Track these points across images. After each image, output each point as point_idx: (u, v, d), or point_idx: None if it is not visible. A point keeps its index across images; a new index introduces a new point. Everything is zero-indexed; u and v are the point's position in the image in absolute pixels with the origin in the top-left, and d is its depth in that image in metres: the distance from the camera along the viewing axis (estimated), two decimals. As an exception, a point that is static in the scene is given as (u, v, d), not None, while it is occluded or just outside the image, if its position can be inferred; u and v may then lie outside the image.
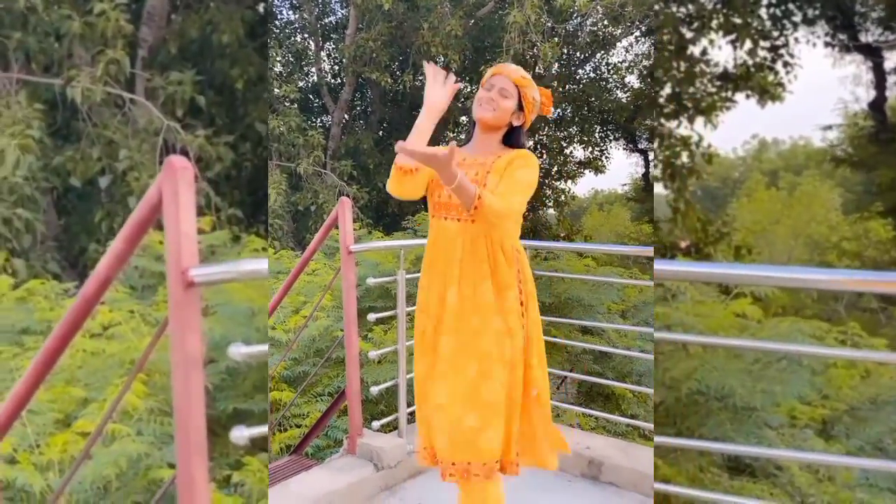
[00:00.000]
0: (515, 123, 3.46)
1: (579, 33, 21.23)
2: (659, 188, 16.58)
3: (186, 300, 2.35)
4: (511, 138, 3.48)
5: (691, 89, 15.28)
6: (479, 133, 3.48)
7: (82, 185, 11.15)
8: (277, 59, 20.06)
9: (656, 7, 14.55)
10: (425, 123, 3.39)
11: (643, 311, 9.95)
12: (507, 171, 3.27)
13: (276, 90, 18.83)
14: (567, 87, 23.36)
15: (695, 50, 14.91)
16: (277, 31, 21.70)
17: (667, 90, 15.06)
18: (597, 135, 25.70)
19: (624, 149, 26.91)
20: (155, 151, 10.83)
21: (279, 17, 22.16)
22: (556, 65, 21.25)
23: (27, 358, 5.47)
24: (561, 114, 24.08)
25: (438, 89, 3.42)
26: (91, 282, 2.64)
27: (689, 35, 14.76)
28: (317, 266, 10.51)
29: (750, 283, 4.93)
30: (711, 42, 15.15)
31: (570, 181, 25.71)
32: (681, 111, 15.27)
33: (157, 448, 4.21)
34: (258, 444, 4.76)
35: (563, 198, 25.17)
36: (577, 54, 23.24)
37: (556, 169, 24.91)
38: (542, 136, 23.97)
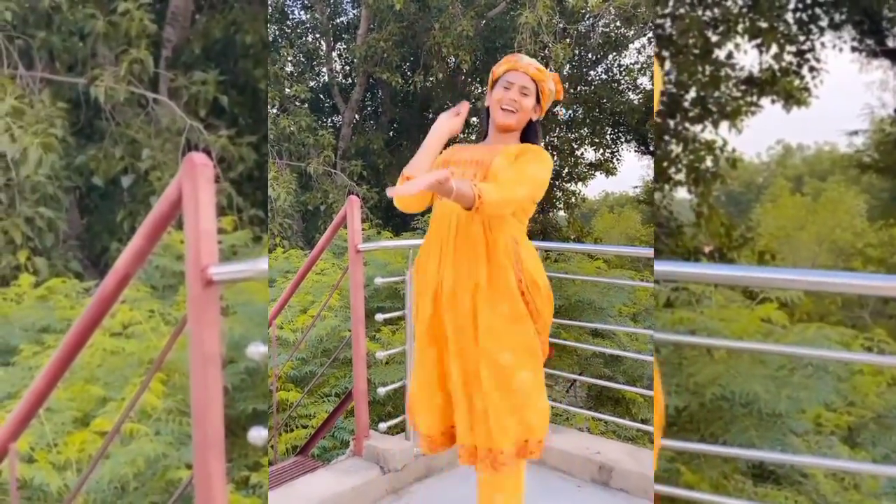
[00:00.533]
0: (534, 118, 3.42)
1: (591, 34, 21.10)
2: (682, 192, 16.50)
3: (205, 298, 2.33)
4: (526, 135, 3.45)
5: (716, 93, 15.20)
6: (495, 133, 3.43)
7: (105, 184, 11.16)
8: (289, 58, 20.05)
9: (681, 10, 14.48)
10: (434, 146, 3.33)
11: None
12: (517, 162, 3.22)
13: (286, 90, 18.82)
14: (579, 88, 23.27)
15: (720, 54, 14.83)
16: (289, 30, 21.75)
17: (691, 94, 14.99)
18: (608, 137, 25.58)
19: (636, 151, 26.78)
20: (178, 151, 10.82)
21: (291, 16, 22.19)
22: (568, 66, 21.12)
23: (47, 356, 5.44)
24: (572, 115, 24.01)
25: (455, 118, 3.35)
26: (110, 278, 2.62)
27: (714, 39, 14.69)
28: (325, 265, 10.50)
29: (753, 285, 4.88)
30: (737, 46, 15.07)
31: (580, 183, 25.60)
32: (705, 115, 15.20)
33: (175, 448, 4.18)
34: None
35: (573, 200, 25.07)
36: (589, 55, 23.14)
37: (566, 171, 24.80)
38: (553, 137, 23.88)
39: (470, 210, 2.97)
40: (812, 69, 15.89)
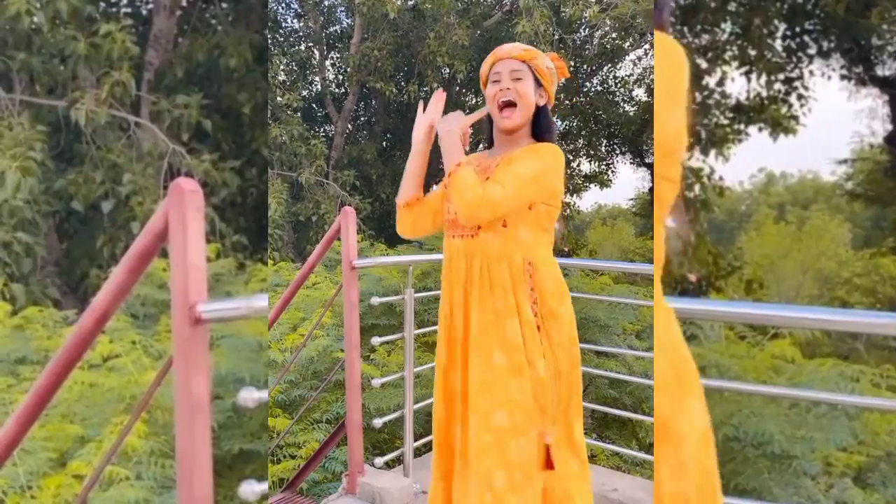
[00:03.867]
0: (540, 103, 3.06)
1: (588, 45, 21.07)
2: (668, 220, 16.40)
3: (193, 338, 2.14)
4: (538, 127, 3.08)
5: (705, 121, 15.16)
6: (500, 136, 3.11)
7: (85, 209, 10.96)
8: (281, 67, 19.95)
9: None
10: (416, 162, 3.16)
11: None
12: (511, 163, 2.90)
13: (279, 98, 18.71)
14: (574, 99, 23.21)
15: (710, 81, 14.79)
16: (282, 39, 21.69)
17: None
18: (603, 148, 25.57)
19: (630, 163, 26.77)
20: (159, 176, 10.63)
21: (284, 25, 22.13)
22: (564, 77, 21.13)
23: (22, 390, 5.23)
24: (567, 127, 23.94)
25: (424, 118, 3.13)
26: (88, 315, 2.41)
27: (703, 66, 14.65)
28: (317, 279, 10.13)
29: (764, 323, 4.70)
30: (725, 74, 15.05)
31: (575, 195, 25.54)
32: (694, 143, 15.14)
33: (156, 493, 3.95)
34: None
35: (568, 212, 24.99)
36: (585, 67, 23.02)
37: None
38: None
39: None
40: (800, 97, 15.90)
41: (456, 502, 3.00)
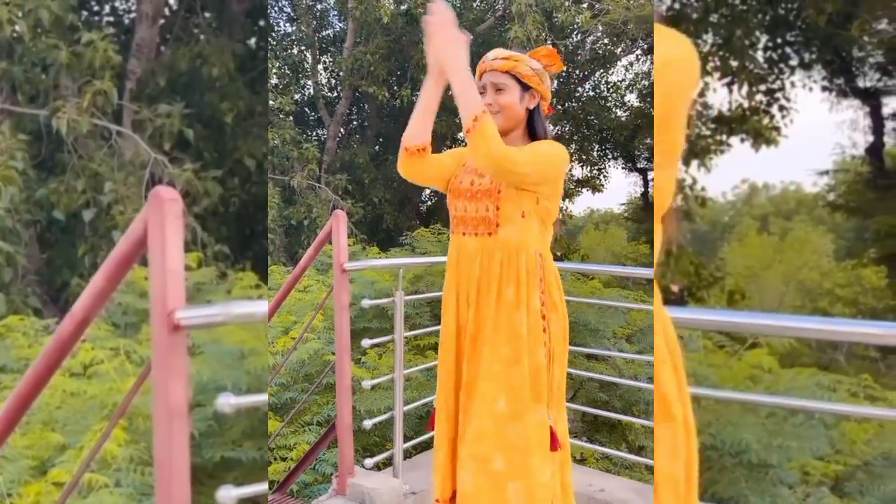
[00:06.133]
0: (531, 106, 3.13)
1: (580, 51, 21.12)
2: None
3: (172, 344, 2.14)
4: (532, 127, 3.15)
5: (686, 131, 15.23)
6: None
7: (66, 218, 10.93)
8: (273, 71, 19.97)
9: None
10: (425, 97, 3.16)
11: (650, 336, 9.70)
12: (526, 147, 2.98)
13: (271, 102, 18.73)
14: (566, 105, 23.23)
15: (691, 92, 14.87)
16: (274, 42, 21.64)
17: (662, 132, 14.99)
18: (595, 153, 25.57)
19: (622, 168, 26.81)
20: (141, 185, 10.62)
21: (276, 28, 22.18)
22: (556, 82, 21.10)
23: (2, 399, 5.22)
24: (560, 132, 23.95)
25: (430, 37, 3.17)
26: (67, 322, 2.42)
27: (685, 77, 14.72)
28: (309, 282, 10.14)
29: (751, 332, 4.73)
30: (707, 85, 15.10)
31: (567, 200, 25.55)
32: (675, 153, 15.20)
33: (136, 501, 3.95)
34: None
35: (560, 216, 24.98)
36: (577, 72, 23.05)
37: None
38: None
39: (465, 129, 2.81)
40: (782, 108, 15.97)
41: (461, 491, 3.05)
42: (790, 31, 15.25)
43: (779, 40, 15.42)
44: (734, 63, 14.95)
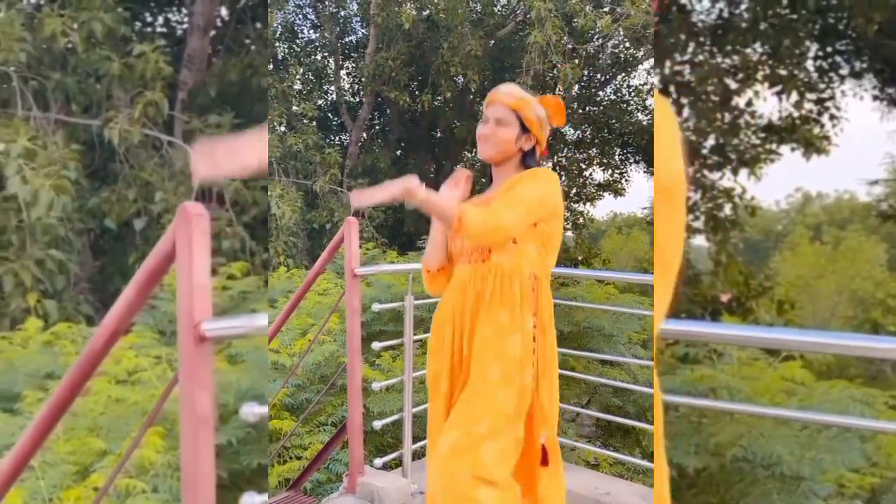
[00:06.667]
0: (525, 148, 3.25)
1: (601, 55, 21.04)
2: (700, 240, 16.39)
3: (198, 355, 2.22)
4: (524, 163, 3.27)
5: (735, 141, 15.11)
6: (493, 169, 3.31)
7: (118, 226, 11.10)
8: (297, 76, 20.17)
9: (700, 57, 14.41)
10: (440, 229, 3.30)
11: (666, 341, 9.62)
12: (512, 188, 3.08)
13: (294, 107, 18.86)
14: (587, 108, 23.14)
15: (739, 101, 14.73)
16: (298, 49, 21.87)
17: (710, 141, 14.89)
18: (617, 157, 25.37)
19: (644, 172, 26.59)
20: (191, 195, 10.76)
21: (300, 35, 22.36)
22: (577, 86, 21.01)
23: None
24: (581, 136, 23.85)
25: (454, 191, 3.20)
26: (99, 334, 2.51)
27: (733, 86, 14.60)
28: (328, 285, 10.22)
29: (767, 346, 4.73)
30: (756, 94, 14.99)
31: (588, 204, 25.44)
32: (724, 163, 15.09)
33: (171, 506, 4.04)
34: None
35: (581, 220, 24.89)
36: (598, 76, 22.93)
37: (574, 191, 24.60)
38: (562, 157, 23.73)
39: (449, 230, 2.94)
40: (832, 117, 15.80)
41: None
42: (840, 40, 15.10)
43: (829, 49, 15.27)
44: (783, 72, 14.82)
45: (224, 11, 13.31)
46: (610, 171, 25.48)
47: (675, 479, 4.34)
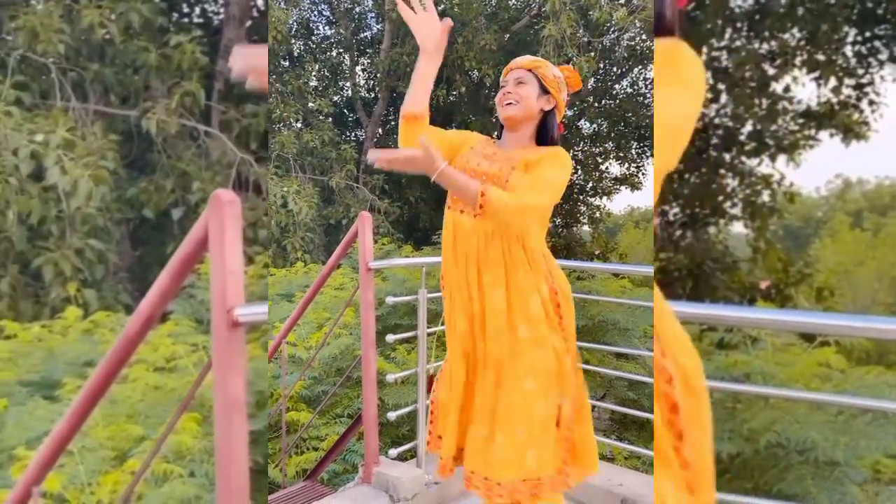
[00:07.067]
0: (546, 108, 3.19)
1: (616, 48, 20.87)
2: (738, 227, 16.31)
3: (231, 340, 2.24)
4: (544, 129, 3.20)
5: (773, 127, 15.02)
6: (506, 133, 3.24)
7: (156, 216, 11.19)
8: (313, 73, 20.31)
9: (738, 43, 14.32)
10: (425, 68, 3.18)
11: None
12: (535, 168, 3.00)
13: (310, 104, 18.93)
14: (603, 102, 22.97)
15: (777, 87, 14.64)
16: (314, 45, 21.94)
17: (748, 127, 14.81)
18: (633, 151, 25.09)
19: None
20: (228, 184, 10.82)
21: (316, 32, 22.43)
22: (593, 79, 20.86)
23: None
24: (597, 129, 23.66)
25: (425, 21, 3.16)
26: (134, 320, 2.54)
27: (771, 72, 14.51)
28: (344, 280, 10.33)
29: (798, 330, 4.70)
30: (795, 79, 14.90)
31: (605, 197, 25.22)
32: (762, 149, 15.02)
33: (208, 491, 4.08)
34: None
35: (598, 214, 24.71)
36: (614, 69, 22.70)
37: (591, 185, 24.41)
38: (578, 151, 23.57)
39: (473, 208, 2.87)
40: (871, 102, 15.66)
41: (471, 454, 3.19)
42: (879, 24, 14.96)
43: (867, 34, 15.14)
44: (821, 57, 14.73)
45: (260, 1, 13.36)
46: (626, 165, 25.20)
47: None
